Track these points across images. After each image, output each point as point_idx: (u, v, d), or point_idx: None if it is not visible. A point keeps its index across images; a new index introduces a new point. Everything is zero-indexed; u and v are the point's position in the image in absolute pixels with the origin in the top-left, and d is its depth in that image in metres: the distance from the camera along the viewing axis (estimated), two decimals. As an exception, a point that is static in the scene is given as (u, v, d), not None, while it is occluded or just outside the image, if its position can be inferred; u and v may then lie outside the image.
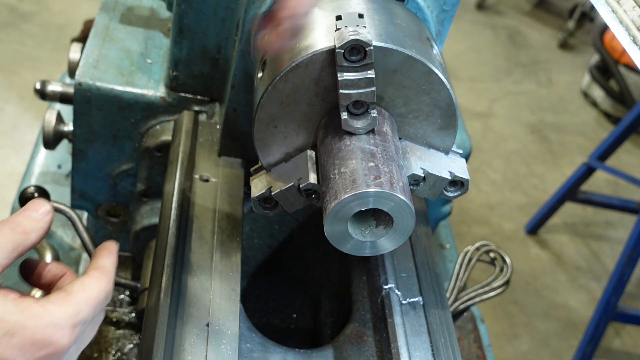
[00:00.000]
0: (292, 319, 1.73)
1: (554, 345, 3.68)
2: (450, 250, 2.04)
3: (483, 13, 6.43)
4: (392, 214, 1.04)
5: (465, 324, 1.80)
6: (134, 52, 1.64)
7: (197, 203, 1.36)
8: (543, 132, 5.13)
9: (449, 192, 1.20)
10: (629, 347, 3.76)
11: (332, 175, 1.05)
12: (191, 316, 1.17)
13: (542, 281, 4.00)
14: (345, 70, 1.05)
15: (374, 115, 1.08)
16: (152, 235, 1.59)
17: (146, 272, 1.57)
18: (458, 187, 1.20)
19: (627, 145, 4.70)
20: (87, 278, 0.96)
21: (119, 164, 1.64)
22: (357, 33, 1.03)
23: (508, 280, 1.60)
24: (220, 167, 1.46)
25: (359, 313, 1.37)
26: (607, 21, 1.17)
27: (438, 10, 1.31)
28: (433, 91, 1.13)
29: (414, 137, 1.19)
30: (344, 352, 1.30)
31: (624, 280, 3.32)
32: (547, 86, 5.66)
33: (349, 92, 1.06)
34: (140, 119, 1.57)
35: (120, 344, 1.63)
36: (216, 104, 1.57)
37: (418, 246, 1.39)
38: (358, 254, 1.10)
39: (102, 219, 1.74)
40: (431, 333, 1.23)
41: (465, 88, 5.33)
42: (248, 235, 1.61)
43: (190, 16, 1.45)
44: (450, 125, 1.18)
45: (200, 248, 1.28)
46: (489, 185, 4.51)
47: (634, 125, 3.80)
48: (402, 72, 1.11)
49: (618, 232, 4.42)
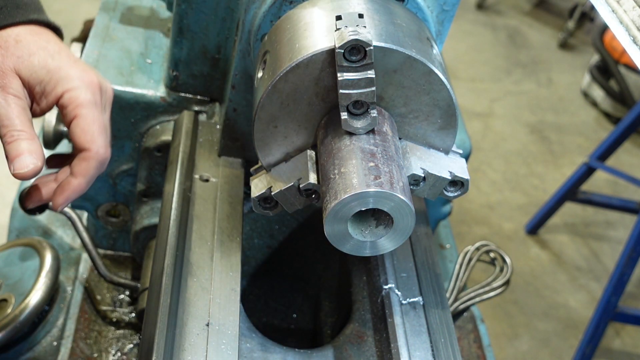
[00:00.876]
0: (292, 319, 1.73)
1: (554, 345, 3.68)
2: (450, 250, 2.04)
3: (483, 13, 6.43)
4: (392, 214, 1.04)
5: (465, 324, 1.80)
6: (134, 52, 1.64)
7: (197, 203, 1.36)
8: (543, 132, 5.13)
9: (449, 192, 1.20)
10: (629, 347, 3.76)
11: (332, 175, 1.05)
12: (191, 316, 1.18)
13: (542, 281, 4.00)
14: (345, 70, 1.05)
15: (374, 115, 1.08)
16: (152, 235, 1.59)
17: (146, 272, 1.57)
18: (458, 187, 1.20)
19: (627, 145, 4.70)
20: None
21: (119, 164, 1.64)
22: (357, 33, 1.03)
23: (508, 280, 1.60)
24: (220, 167, 1.46)
25: (359, 313, 1.37)
26: (607, 21, 1.17)
27: (438, 10, 1.31)
28: (433, 91, 1.13)
29: (414, 137, 1.19)
30: (344, 352, 1.30)
31: (624, 280, 3.32)
32: (547, 86, 5.66)
33: (349, 92, 1.06)
34: (140, 119, 1.57)
35: (120, 344, 1.63)
36: (216, 104, 1.57)
37: (418, 246, 1.39)
38: (358, 254, 1.10)
39: (102, 219, 1.74)
40: (431, 333, 1.23)
41: (465, 88, 5.33)
42: (248, 235, 1.61)
43: (190, 16, 1.45)
44: (450, 125, 1.18)
45: (200, 248, 1.28)
46: (489, 185, 4.51)
47: (634, 125, 3.80)
48: (402, 72, 1.11)
49: (618, 232, 4.42)
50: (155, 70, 1.60)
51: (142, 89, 1.55)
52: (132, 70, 1.58)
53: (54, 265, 1.53)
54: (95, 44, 1.63)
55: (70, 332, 1.56)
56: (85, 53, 1.60)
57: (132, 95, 1.54)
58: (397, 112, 1.16)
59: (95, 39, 1.64)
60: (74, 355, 1.54)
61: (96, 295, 1.68)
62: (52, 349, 1.53)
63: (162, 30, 1.72)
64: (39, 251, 1.57)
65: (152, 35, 1.70)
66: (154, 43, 1.68)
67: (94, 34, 1.66)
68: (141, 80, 1.57)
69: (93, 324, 1.63)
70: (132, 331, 1.66)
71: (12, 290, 1.50)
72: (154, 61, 1.63)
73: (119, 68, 1.58)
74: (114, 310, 1.68)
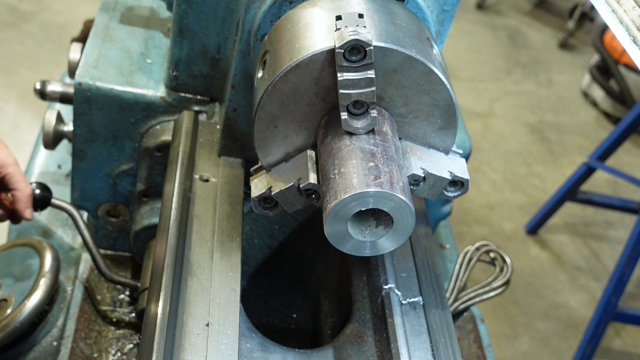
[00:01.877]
0: (292, 319, 1.73)
1: (554, 345, 3.67)
2: (450, 250, 2.04)
3: (483, 13, 6.43)
4: (392, 213, 1.04)
5: (465, 324, 1.80)
6: (134, 52, 1.64)
7: (197, 203, 1.36)
8: (543, 132, 5.12)
9: (449, 192, 1.20)
10: (629, 347, 3.76)
11: (332, 175, 1.05)
12: (191, 316, 1.18)
13: (542, 281, 4.00)
14: (345, 70, 1.05)
15: (374, 115, 1.08)
16: (152, 235, 1.59)
17: (146, 272, 1.57)
18: (458, 187, 1.20)
19: (627, 145, 4.70)
20: None
21: (119, 164, 1.64)
22: (357, 33, 1.03)
23: (508, 280, 1.60)
24: (220, 167, 1.46)
25: (359, 313, 1.37)
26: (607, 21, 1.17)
27: (438, 10, 1.31)
28: (433, 91, 1.13)
29: (414, 137, 1.19)
30: (344, 352, 1.30)
31: (624, 280, 3.31)
32: (547, 86, 5.66)
33: (349, 92, 1.06)
34: (140, 119, 1.57)
35: (120, 344, 1.63)
36: (216, 104, 1.57)
37: (418, 246, 1.39)
38: (358, 254, 1.10)
39: (102, 219, 1.74)
40: (431, 333, 1.23)
41: (465, 88, 5.33)
42: (248, 235, 1.61)
43: (190, 16, 1.45)
44: (450, 125, 1.18)
45: (200, 248, 1.28)
46: (489, 185, 4.50)
47: (634, 125, 3.79)
48: (402, 72, 1.11)
49: (618, 232, 4.41)
50: (155, 70, 1.60)
51: (142, 89, 1.55)
52: (132, 70, 1.58)
53: (54, 265, 1.53)
54: (95, 44, 1.63)
55: (70, 332, 1.56)
56: (85, 53, 1.60)
57: (132, 95, 1.54)
58: (397, 112, 1.16)
59: (95, 39, 1.64)
60: (74, 355, 1.54)
61: (96, 295, 1.68)
62: (52, 349, 1.53)
63: (162, 30, 1.72)
64: (39, 251, 1.56)
65: (152, 35, 1.70)
66: (154, 43, 1.68)
67: (94, 34, 1.66)
68: (141, 80, 1.57)
69: (93, 324, 1.63)
70: (132, 331, 1.66)
71: (12, 290, 1.50)
72: (154, 61, 1.63)
73: (119, 68, 1.57)
74: (114, 310, 1.68)
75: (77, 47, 1.73)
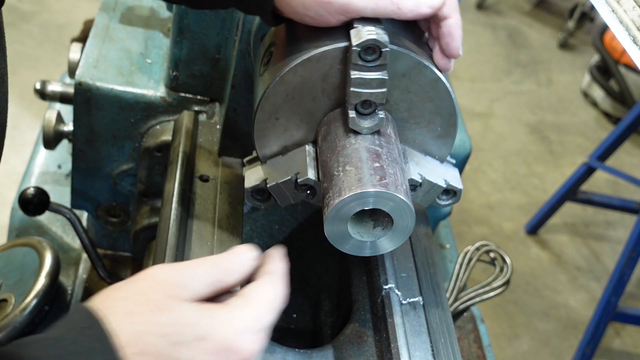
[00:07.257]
0: (292, 319, 1.73)
1: (554, 345, 3.67)
2: (450, 250, 2.04)
3: (483, 13, 6.43)
4: (392, 214, 1.04)
5: (465, 324, 1.80)
6: (134, 52, 1.64)
7: (197, 203, 1.36)
8: (543, 132, 5.12)
9: (441, 200, 1.21)
10: (629, 347, 3.76)
11: (336, 173, 1.05)
12: (191, 316, 1.17)
13: (542, 281, 4.00)
14: (358, 68, 1.05)
15: (381, 117, 1.08)
16: (152, 235, 1.59)
17: (146, 272, 1.57)
18: (451, 196, 1.21)
19: (627, 145, 4.70)
20: (262, 283, 0.94)
21: (119, 164, 1.64)
22: (375, 33, 1.03)
23: (508, 280, 1.60)
24: (220, 167, 1.46)
25: (359, 313, 1.37)
26: (607, 21, 1.17)
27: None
28: (437, 99, 1.14)
29: (412, 142, 1.19)
30: (344, 352, 1.30)
31: (624, 280, 3.31)
32: (547, 86, 5.66)
33: (360, 91, 1.06)
34: (140, 119, 1.57)
35: (120, 344, 1.63)
36: (216, 104, 1.57)
37: (418, 246, 1.39)
38: (358, 254, 1.10)
39: (102, 219, 1.74)
40: (431, 333, 1.23)
41: (465, 88, 5.33)
42: (248, 235, 1.61)
43: (190, 16, 1.45)
44: (449, 134, 1.18)
45: (200, 248, 1.28)
46: (489, 185, 4.50)
47: (634, 125, 3.79)
48: (410, 77, 1.11)
49: (618, 232, 4.42)
50: (155, 70, 1.60)
51: (142, 89, 1.55)
52: (132, 70, 1.58)
53: (54, 265, 1.53)
54: (95, 44, 1.63)
55: (70, 332, 1.56)
56: (85, 53, 1.60)
57: (132, 95, 1.54)
58: (399, 117, 1.16)
59: (95, 39, 1.64)
60: (74, 355, 1.53)
61: (96, 295, 1.68)
62: (52, 349, 1.53)
63: (162, 30, 1.72)
64: (39, 251, 1.56)
65: (152, 35, 1.70)
66: (154, 43, 1.68)
67: (94, 34, 1.66)
68: (141, 80, 1.57)
69: (93, 324, 1.63)
70: (132, 331, 1.66)
71: (12, 290, 1.50)
72: (154, 61, 1.63)
73: (119, 68, 1.57)
74: (114, 310, 1.68)
75: (77, 47, 1.73)
